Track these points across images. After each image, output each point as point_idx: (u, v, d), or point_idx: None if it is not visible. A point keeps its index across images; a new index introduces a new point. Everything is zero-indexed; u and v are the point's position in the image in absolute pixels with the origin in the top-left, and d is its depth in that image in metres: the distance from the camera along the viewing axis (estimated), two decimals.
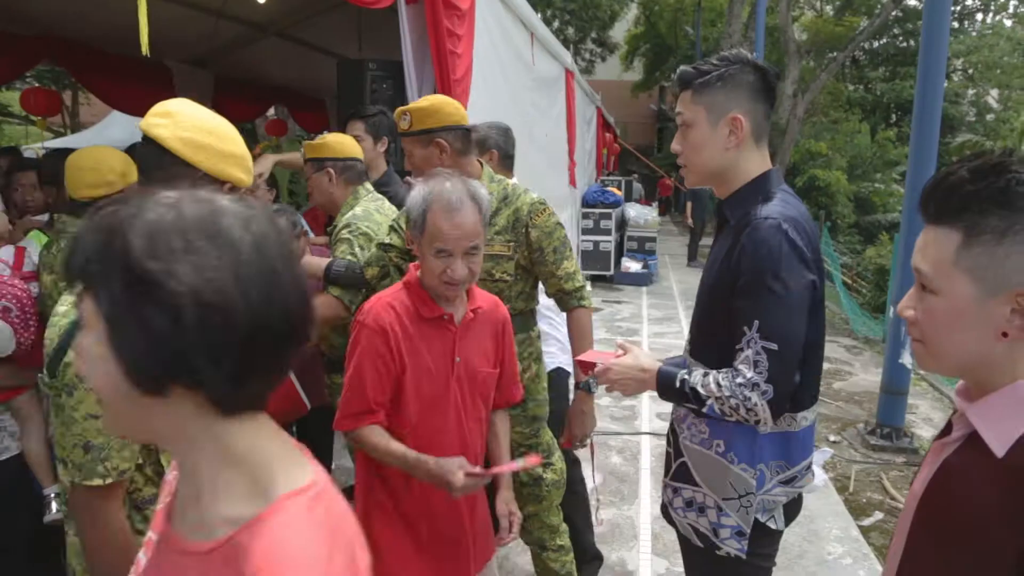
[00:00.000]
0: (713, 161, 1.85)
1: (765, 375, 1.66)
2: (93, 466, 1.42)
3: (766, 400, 1.67)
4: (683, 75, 1.87)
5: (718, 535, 1.84)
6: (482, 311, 2.09)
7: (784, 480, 1.81)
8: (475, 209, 1.92)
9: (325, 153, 2.96)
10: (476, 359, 2.08)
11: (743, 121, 1.79)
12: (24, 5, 5.32)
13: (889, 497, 4.66)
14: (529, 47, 6.43)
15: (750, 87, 1.81)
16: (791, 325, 1.68)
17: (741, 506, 1.80)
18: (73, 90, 18.06)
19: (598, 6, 25.66)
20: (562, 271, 2.60)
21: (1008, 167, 1.05)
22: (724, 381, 1.71)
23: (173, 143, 1.49)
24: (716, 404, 1.72)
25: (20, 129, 21.55)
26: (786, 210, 1.72)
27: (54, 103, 8.39)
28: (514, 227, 2.58)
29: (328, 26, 6.41)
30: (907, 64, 24.67)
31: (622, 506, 4.35)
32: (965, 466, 1.12)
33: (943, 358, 1.15)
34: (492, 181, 2.64)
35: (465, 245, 1.91)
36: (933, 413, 6.35)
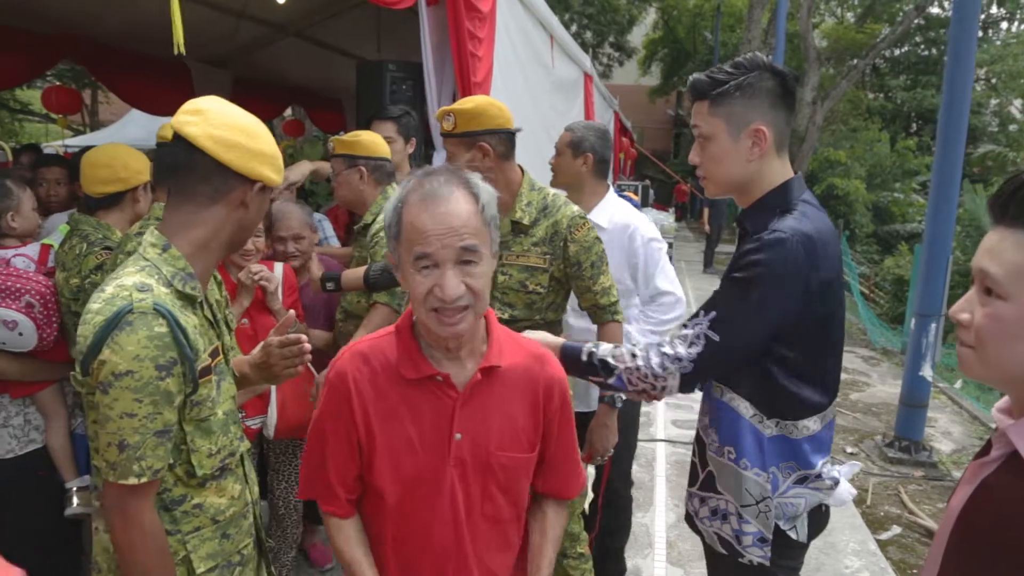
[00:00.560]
0: (735, 174, 1.78)
1: (694, 356, 1.70)
2: (128, 465, 1.41)
3: (681, 374, 1.72)
4: (697, 85, 1.79)
5: (741, 542, 1.81)
6: (506, 372, 1.54)
7: (798, 480, 1.76)
8: (468, 199, 1.42)
9: (358, 151, 2.93)
10: (492, 437, 1.53)
11: (766, 132, 1.73)
12: (45, 4, 5.35)
13: (907, 511, 4.59)
14: (549, 50, 6.41)
15: (770, 94, 1.73)
16: (744, 330, 1.68)
17: (760, 512, 1.77)
18: (93, 88, 18.21)
19: (616, 10, 25.65)
20: (598, 286, 2.55)
21: None
22: (642, 351, 1.76)
23: (204, 141, 1.48)
24: (625, 374, 1.78)
25: (40, 127, 21.76)
26: (801, 225, 1.67)
27: (74, 101, 8.45)
28: (552, 240, 2.53)
29: (346, 27, 6.41)
30: (929, 73, 24.49)
31: (637, 513, 4.29)
32: (1005, 486, 1.09)
33: (997, 367, 1.10)
34: (532, 190, 2.60)
35: (455, 245, 1.38)
36: (952, 427, 6.26)
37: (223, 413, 1.62)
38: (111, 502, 1.45)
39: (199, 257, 1.56)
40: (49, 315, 2.57)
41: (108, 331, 1.39)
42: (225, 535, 1.62)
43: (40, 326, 2.54)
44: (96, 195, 2.64)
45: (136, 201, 2.70)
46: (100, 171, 2.61)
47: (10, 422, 2.65)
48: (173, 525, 1.53)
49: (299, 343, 1.76)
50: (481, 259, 1.42)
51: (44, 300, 2.56)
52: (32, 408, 2.69)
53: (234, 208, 1.55)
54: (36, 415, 2.70)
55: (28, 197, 2.77)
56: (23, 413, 2.67)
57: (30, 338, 2.53)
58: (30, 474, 2.68)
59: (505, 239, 2.57)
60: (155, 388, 1.41)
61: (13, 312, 2.48)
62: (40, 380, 2.67)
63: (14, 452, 2.64)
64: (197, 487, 1.57)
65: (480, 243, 1.41)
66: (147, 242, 1.54)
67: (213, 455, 1.58)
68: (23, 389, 2.65)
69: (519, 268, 2.55)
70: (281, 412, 2.86)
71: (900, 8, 24.22)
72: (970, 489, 1.14)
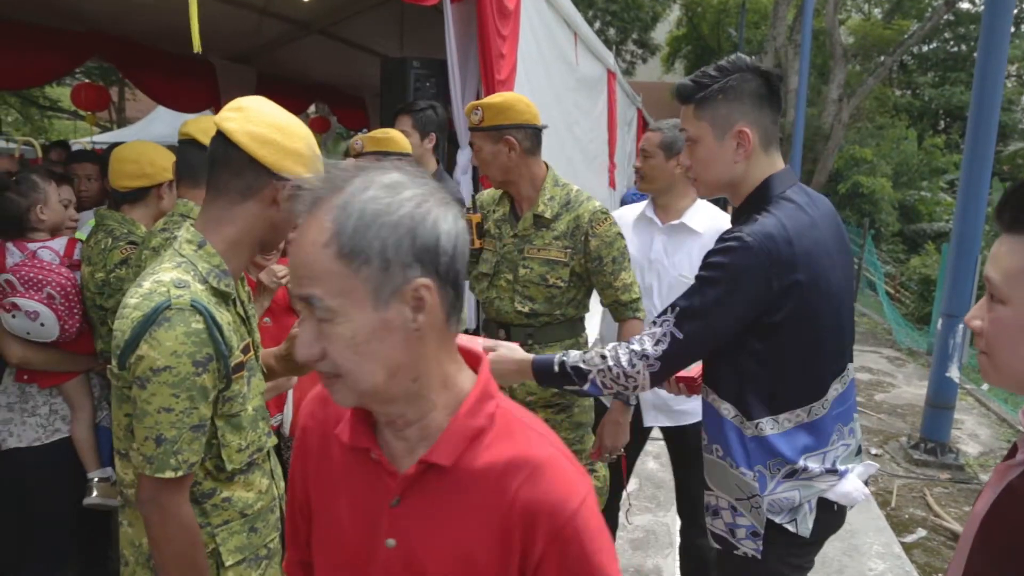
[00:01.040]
0: (723, 175, 1.81)
1: (659, 353, 1.73)
2: (165, 459, 1.43)
3: (650, 372, 1.75)
4: (682, 89, 1.82)
5: (735, 535, 1.83)
6: (464, 477, 1.00)
7: (787, 475, 1.76)
8: (319, 227, 0.91)
9: (391, 148, 2.93)
10: (435, 563, 1.01)
11: (749, 133, 1.75)
12: (75, 2, 5.42)
13: (933, 514, 4.53)
14: (573, 47, 6.39)
15: (753, 95, 1.76)
16: (706, 327, 1.71)
17: (752, 507, 1.79)
18: (120, 86, 18.45)
19: (640, 7, 25.54)
20: (619, 282, 2.55)
21: None
22: (610, 352, 1.78)
23: (240, 136, 1.50)
24: (598, 377, 1.79)
25: (69, 124, 22.07)
26: (761, 226, 1.68)
27: (103, 98, 8.56)
28: (573, 234, 2.54)
29: (370, 24, 6.44)
30: (958, 69, 24.15)
31: (658, 512, 4.28)
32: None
33: (1008, 372, 1.12)
34: (556, 185, 2.61)
35: (295, 289, 0.95)
36: (980, 429, 6.18)
37: (252, 409, 1.64)
38: (148, 495, 1.47)
39: (232, 254, 1.58)
40: (70, 307, 2.62)
41: (146, 327, 1.42)
42: (253, 529, 1.64)
43: (61, 317, 2.59)
44: (122, 189, 2.69)
45: (160, 197, 2.74)
46: (127, 166, 2.66)
47: (37, 411, 2.72)
48: (203, 518, 1.55)
49: None
50: (335, 316, 0.92)
51: (65, 292, 2.61)
52: (58, 399, 2.75)
53: (266, 206, 1.56)
54: (62, 405, 2.75)
55: (55, 191, 2.81)
56: (49, 403, 2.73)
57: (52, 329, 2.58)
58: (56, 463, 2.74)
59: (527, 233, 2.59)
60: (192, 383, 1.44)
61: (35, 303, 2.54)
62: (65, 371, 2.72)
63: (40, 441, 2.70)
64: (226, 481, 1.59)
65: (325, 292, 0.91)
66: (183, 238, 1.56)
67: (242, 450, 1.60)
68: (50, 379, 2.71)
69: (540, 262, 2.56)
70: (297, 408, 2.82)
71: (929, 3, 23.91)
72: (995, 493, 1.13)
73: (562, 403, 2.65)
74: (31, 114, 20.87)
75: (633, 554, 3.69)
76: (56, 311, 2.58)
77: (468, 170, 4.22)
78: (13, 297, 2.53)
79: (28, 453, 2.69)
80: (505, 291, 2.62)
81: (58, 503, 2.78)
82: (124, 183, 2.69)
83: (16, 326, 2.55)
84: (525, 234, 2.59)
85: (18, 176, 2.74)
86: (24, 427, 2.70)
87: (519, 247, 2.60)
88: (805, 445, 1.77)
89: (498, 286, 2.63)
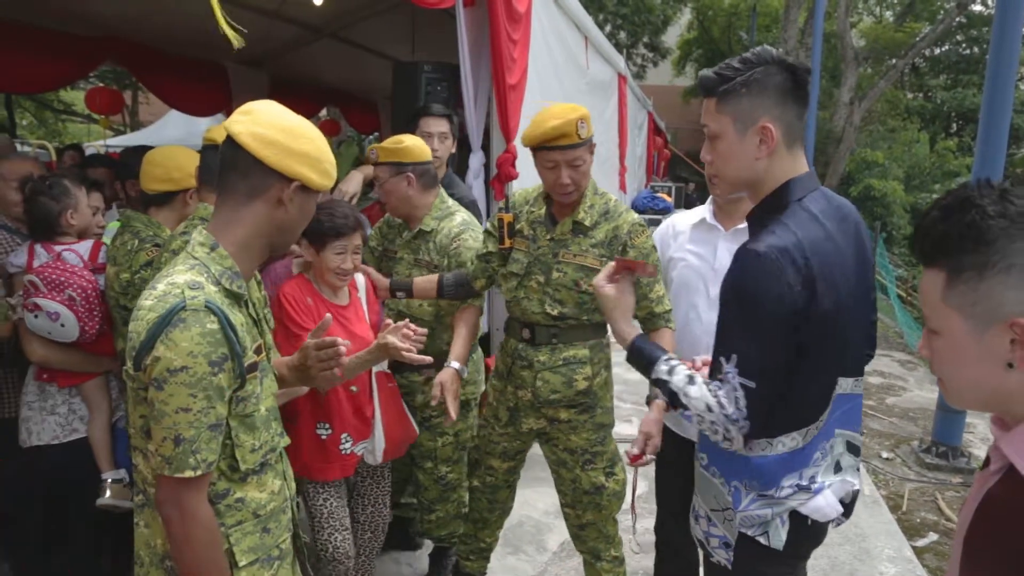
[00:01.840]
0: (744, 172, 1.74)
1: (745, 412, 1.65)
2: (184, 458, 1.45)
3: (743, 434, 1.68)
4: (705, 82, 1.74)
5: (709, 543, 1.84)
6: None
7: (760, 495, 1.74)
8: None
9: (406, 158, 2.92)
10: None
11: (773, 129, 1.67)
12: (90, 7, 5.48)
13: (944, 518, 4.52)
14: (583, 51, 6.41)
15: (778, 90, 1.67)
16: (767, 360, 1.64)
17: (725, 519, 1.79)
18: (133, 90, 18.57)
19: (651, 10, 25.48)
20: (654, 294, 2.56)
21: (973, 201, 1.06)
22: (715, 407, 1.68)
23: (244, 138, 1.52)
24: (697, 420, 1.72)
25: (83, 127, 22.22)
26: (777, 239, 1.61)
27: (117, 102, 8.65)
28: (611, 243, 2.57)
29: (381, 28, 6.47)
30: (970, 72, 24.02)
31: None
32: (1006, 498, 1.08)
33: (961, 395, 1.16)
34: (596, 194, 2.64)
35: None
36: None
37: (265, 409, 1.66)
38: (167, 496, 1.49)
39: (242, 257, 1.59)
40: (91, 309, 2.68)
41: (161, 328, 1.44)
42: (265, 529, 1.65)
43: (81, 319, 2.65)
44: (150, 191, 2.77)
45: (187, 202, 2.80)
46: (155, 169, 2.73)
47: (56, 410, 2.78)
48: (217, 518, 1.56)
49: (335, 346, 1.81)
50: None
51: (86, 295, 2.66)
52: (77, 398, 2.81)
53: (272, 207, 1.57)
54: (81, 405, 2.81)
55: (84, 195, 2.89)
56: (68, 403, 2.79)
57: (72, 330, 2.64)
58: (74, 461, 2.80)
59: (564, 237, 2.61)
60: (208, 383, 1.46)
61: (56, 304, 2.60)
62: (85, 371, 2.78)
63: (59, 439, 2.77)
64: (239, 481, 1.60)
65: None
66: (196, 241, 1.58)
67: (256, 450, 1.62)
68: (69, 379, 2.77)
69: (575, 267, 2.57)
70: (387, 435, 2.76)
71: (941, 6, 23.80)
72: (976, 502, 1.14)
73: (586, 403, 2.66)
74: (45, 117, 21.05)
75: (643, 557, 3.69)
76: (76, 313, 2.63)
77: (480, 174, 4.25)
78: (36, 298, 2.59)
79: (47, 451, 2.76)
80: (535, 292, 2.63)
81: (80, 501, 2.85)
82: (152, 186, 2.75)
83: (38, 326, 2.61)
84: (562, 239, 2.61)
85: (51, 181, 2.82)
86: (43, 425, 2.76)
87: (554, 251, 2.61)
88: (787, 474, 1.73)
89: (528, 287, 2.65)
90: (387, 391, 2.81)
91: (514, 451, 2.83)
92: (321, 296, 2.67)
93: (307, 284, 2.68)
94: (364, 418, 2.72)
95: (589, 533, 2.80)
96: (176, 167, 2.73)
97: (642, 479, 4.61)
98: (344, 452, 2.66)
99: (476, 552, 3.04)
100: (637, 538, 3.62)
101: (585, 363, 2.63)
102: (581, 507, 2.75)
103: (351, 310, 2.75)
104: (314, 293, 2.66)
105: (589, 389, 2.65)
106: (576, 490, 2.73)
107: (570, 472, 2.72)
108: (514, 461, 2.87)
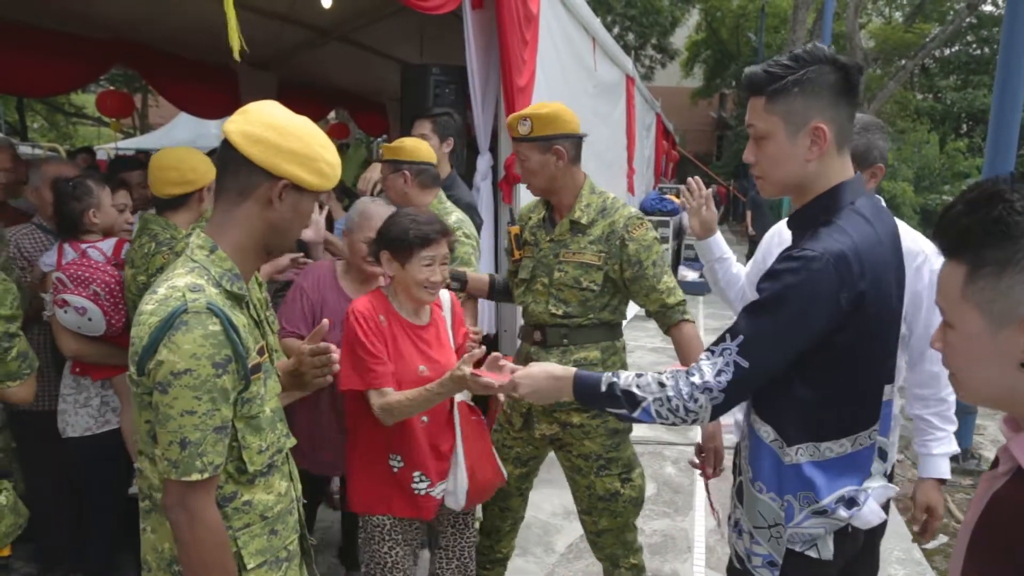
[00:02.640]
0: (793, 174, 1.67)
1: (723, 384, 1.61)
2: (191, 461, 1.45)
3: (713, 405, 1.63)
4: (752, 79, 1.67)
5: (751, 561, 1.77)
6: None
7: (816, 511, 1.68)
8: None
9: (402, 156, 3.04)
10: None
11: (827, 131, 1.61)
12: (100, 10, 5.51)
13: (954, 520, 4.50)
14: (591, 53, 6.41)
15: (831, 90, 1.61)
16: (772, 355, 1.60)
17: (772, 536, 1.72)
18: (143, 93, 18.66)
19: (659, 12, 25.47)
20: (663, 285, 2.55)
21: (1002, 196, 1.04)
22: (670, 380, 1.66)
23: (234, 136, 1.52)
24: (654, 405, 1.67)
25: (93, 130, 22.36)
26: (833, 243, 1.56)
27: (127, 105, 8.71)
28: (608, 238, 2.57)
29: (390, 31, 6.49)
30: (980, 72, 23.86)
31: (676, 517, 4.28)
32: (1013, 500, 1.08)
33: (972, 392, 1.15)
34: (593, 192, 2.65)
35: None
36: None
37: (270, 410, 1.66)
38: (174, 500, 1.48)
39: (239, 258, 1.59)
40: (115, 303, 2.77)
41: (164, 331, 1.43)
42: (273, 531, 1.65)
43: (107, 313, 2.74)
44: (164, 196, 2.78)
45: (201, 201, 2.83)
46: (168, 173, 2.74)
47: (90, 403, 2.91)
48: (224, 521, 1.55)
49: (328, 352, 1.81)
50: None
51: (110, 289, 2.75)
52: (110, 391, 2.94)
53: (262, 206, 1.56)
54: (113, 398, 2.94)
55: (108, 195, 3.00)
56: (101, 395, 2.93)
57: (99, 324, 2.74)
58: (107, 452, 2.93)
59: (563, 238, 2.62)
60: (213, 385, 1.45)
61: (82, 299, 2.70)
62: (115, 364, 2.87)
63: (91, 431, 2.91)
64: (247, 484, 1.60)
65: None
66: (194, 244, 1.58)
67: (263, 451, 1.61)
68: (102, 373, 2.89)
69: (575, 265, 2.59)
70: (472, 476, 2.44)
71: (951, 7, 23.70)
72: (983, 503, 1.14)
73: None
74: (56, 120, 21.18)
75: (651, 559, 3.69)
76: (102, 307, 2.73)
77: (488, 176, 4.25)
78: (63, 294, 2.69)
79: (81, 442, 2.90)
80: (541, 295, 2.65)
81: (113, 490, 3.00)
82: (165, 190, 2.77)
83: (68, 321, 2.72)
84: (561, 239, 2.63)
85: (74, 181, 2.93)
86: (77, 417, 2.90)
87: (555, 251, 2.63)
88: (842, 480, 1.69)
89: (534, 290, 2.67)
90: (471, 424, 2.52)
91: (527, 457, 2.81)
92: (398, 315, 2.40)
93: (382, 300, 2.41)
94: (441, 454, 2.42)
95: (606, 540, 2.77)
96: (190, 169, 2.75)
97: (650, 481, 4.61)
98: (418, 493, 2.37)
99: (493, 561, 3.00)
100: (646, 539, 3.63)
101: (596, 365, 2.61)
102: (596, 513, 2.72)
103: (431, 331, 2.48)
104: (389, 310, 2.39)
105: None
106: (591, 496, 2.70)
107: (585, 478, 2.69)
108: (527, 468, 2.84)
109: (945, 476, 2.27)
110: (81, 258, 2.83)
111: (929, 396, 2.26)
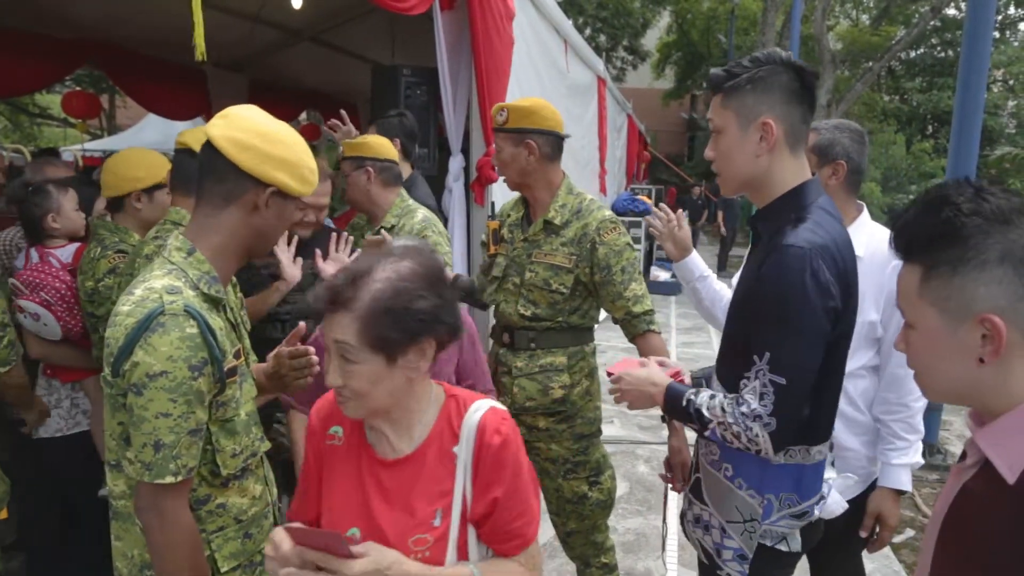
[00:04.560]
0: (744, 169, 1.73)
1: (770, 408, 1.61)
2: (165, 464, 1.43)
3: (768, 432, 1.62)
4: (713, 78, 1.76)
5: (720, 555, 1.80)
6: None
7: (795, 514, 1.74)
8: None
9: (365, 152, 3.01)
10: None
11: (773, 125, 1.67)
12: (67, 10, 5.43)
13: (921, 515, 4.58)
14: (563, 54, 6.44)
15: (783, 89, 1.68)
16: (802, 360, 1.61)
17: (745, 530, 1.75)
18: (110, 93, 18.38)
19: (630, 13, 25.63)
20: (630, 292, 2.52)
21: (949, 199, 1.08)
22: (728, 407, 1.67)
23: (220, 141, 1.51)
24: (719, 429, 1.68)
25: (59, 131, 21.98)
26: (815, 236, 1.60)
27: (94, 106, 8.56)
28: (580, 241, 2.55)
29: (361, 32, 6.47)
30: (945, 74, 24.28)
31: (648, 515, 4.31)
32: (981, 492, 1.10)
33: (936, 390, 1.18)
34: (570, 193, 2.64)
35: None
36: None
37: (245, 414, 1.65)
38: (147, 503, 1.47)
39: (219, 261, 1.58)
40: (69, 308, 2.76)
41: (140, 333, 1.42)
42: (247, 535, 1.65)
43: (61, 318, 2.74)
44: (107, 198, 2.83)
45: (135, 204, 2.76)
46: (105, 176, 2.78)
47: (60, 404, 2.91)
48: (198, 524, 1.55)
49: (307, 354, 1.80)
50: None
51: (60, 295, 2.75)
52: (80, 393, 2.94)
53: (248, 212, 1.56)
54: (83, 400, 2.94)
55: (70, 199, 2.96)
56: (71, 397, 2.93)
57: (54, 328, 2.75)
58: (81, 453, 2.92)
59: (537, 238, 2.61)
60: (188, 388, 1.44)
61: (34, 305, 2.71)
62: (82, 367, 2.87)
63: (62, 432, 2.91)
64: (220, 487, 1.59)
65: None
66: (172, 246, 1.57)
67: (237, 455, 1.60)
68: (71, 375, 2.90)
69: (546, 266, 2.58)
70: None
71: (916, 10, 24.07)
72: (951, 495, 1.16)
73: (564, 412, 2.62)
74: (21, 121, 20.77)
75: (625, 557, 3.72)
76: (54, 312, 2.72)
77: (460, 177, 4.25)
78: (20, 299, 2.70)
79: (54, 443, 2.89)
80: (511, 294, 2.64)
81: (87, 492, 2.94)
82: (104, 192, 2.82)
83: (28, 325, 2.74)
84: (535, 239, 2.62)
85: (33, 186, 2.91)
86: (49, 418, 2.89)
87: (528, 251, 2.63)
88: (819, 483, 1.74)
89: (505, 289, 2.66)
90: None
91: None
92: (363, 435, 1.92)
93: None
94: None
95: (575, 541, 2.79)
96: (119, 173, 2.75)
97: (623, 480, 4.64)
98: None
99: None
100: (619, 538, 3.65)
101: (562, 371, 2.60)
102: (565, 515, 2.74)
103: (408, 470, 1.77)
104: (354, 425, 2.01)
105: (566, 398, 2.61)
106: (559, 499, 2.72)
107: (553, 481, 2.71)
108: None
109: (904, 488, 2.22)
110: (40, 263, 2.83)
111: (893, 400, 2.26)
